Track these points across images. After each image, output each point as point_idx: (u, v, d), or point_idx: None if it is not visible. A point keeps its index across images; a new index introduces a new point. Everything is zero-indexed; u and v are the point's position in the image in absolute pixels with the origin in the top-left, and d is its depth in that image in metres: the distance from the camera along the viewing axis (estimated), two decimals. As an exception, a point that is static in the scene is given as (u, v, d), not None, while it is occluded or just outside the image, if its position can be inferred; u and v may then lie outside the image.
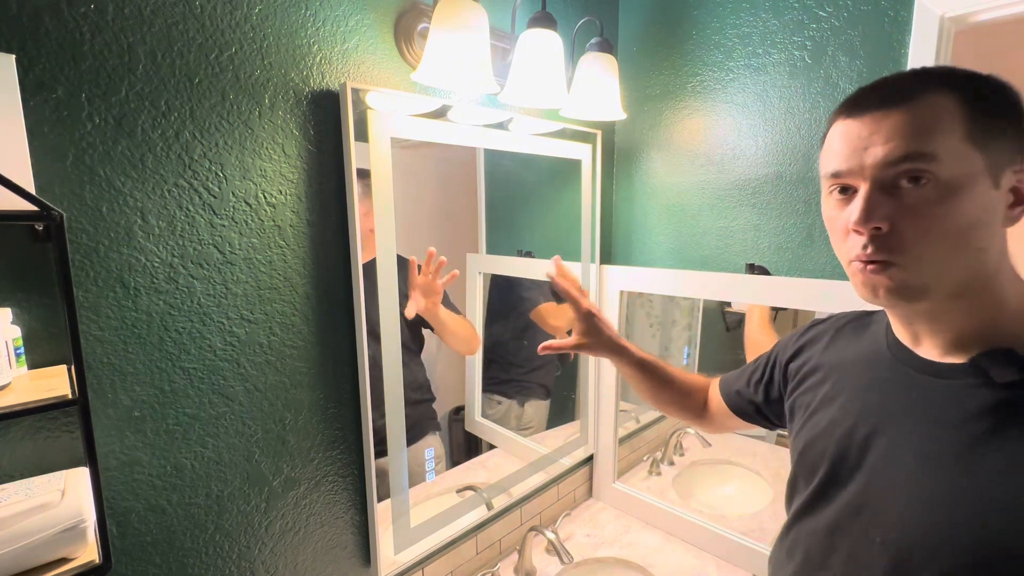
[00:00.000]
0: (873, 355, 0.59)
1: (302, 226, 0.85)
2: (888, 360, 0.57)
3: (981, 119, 0.46)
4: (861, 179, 0.49)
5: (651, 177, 1.41)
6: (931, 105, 0.46)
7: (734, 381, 0.84)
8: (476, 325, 1.34)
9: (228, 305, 0.79)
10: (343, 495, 0.97)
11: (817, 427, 0.61)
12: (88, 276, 0.66)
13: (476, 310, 1.34)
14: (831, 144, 0.52)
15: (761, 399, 0.77)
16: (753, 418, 0.81)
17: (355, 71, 0.89)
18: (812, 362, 0.67)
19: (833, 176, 0.51)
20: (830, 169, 0.52)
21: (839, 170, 0.50)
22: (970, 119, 0.45)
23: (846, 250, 0.52)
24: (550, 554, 1.24)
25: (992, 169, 0.46)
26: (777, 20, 1.14)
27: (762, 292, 1.15)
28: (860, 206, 0.48)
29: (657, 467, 1.58)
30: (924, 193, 0.46)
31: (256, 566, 0.87)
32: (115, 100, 0.66)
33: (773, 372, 0.75)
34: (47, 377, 0.62)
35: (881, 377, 0.57)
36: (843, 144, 0.50)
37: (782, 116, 1.15)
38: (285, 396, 0.87)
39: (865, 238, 0.48)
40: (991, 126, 0.46)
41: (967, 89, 0.46)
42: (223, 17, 0.74)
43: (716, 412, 0.88)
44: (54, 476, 0.63)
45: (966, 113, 0.45)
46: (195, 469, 0.78)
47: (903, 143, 0.46)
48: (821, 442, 0.60)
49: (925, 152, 0.45)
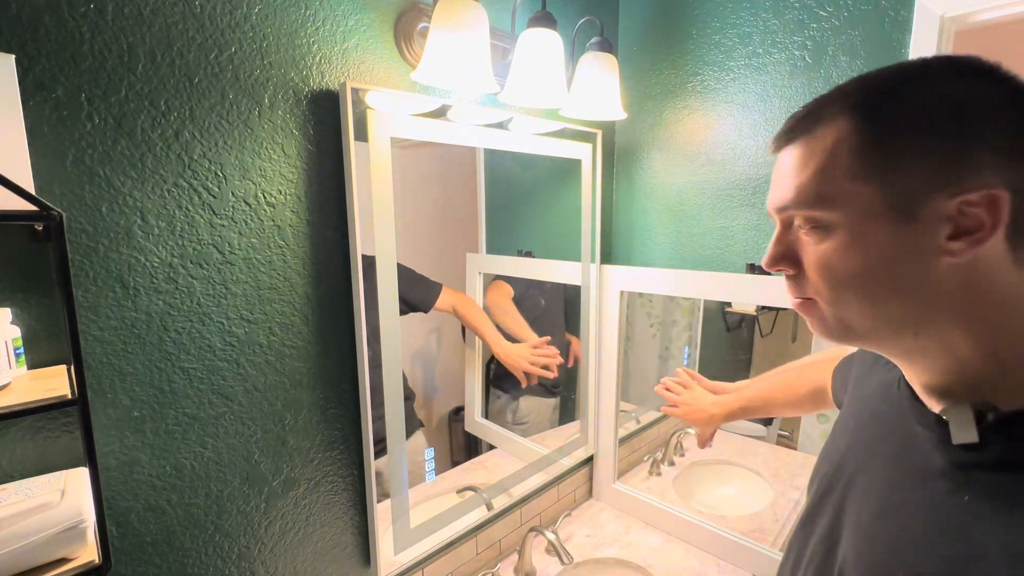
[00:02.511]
0: (887, 386, 0.55)
1: (302, 226, 0.85)
2: (895, 395, 0.53)
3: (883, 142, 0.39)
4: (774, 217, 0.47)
5: (651, 177, 1.41)
6: (821, 138, 0.41)
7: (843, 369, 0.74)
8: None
9: (228, 305, 0.79)
10: (343, 495, 0.97)
11: (826, 448, 0.61)
12: (88, 276, 0.66)
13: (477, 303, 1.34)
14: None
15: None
16: None
17: (355, 71, 0.89)
18: (851, 382, 0.65)
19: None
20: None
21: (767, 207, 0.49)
22: (863, 147, 0.39)
23: None
24: (550, 554, 1.24)
25: (900, 202, 0.39)
26: (777, 20, 1.14)
27: (763, 292, 1.15)
28: (769, 249, 0.47)
29: (657, 467, 1.58)
30: (814, 238, 0.43)
31: (256, 566, 0.87)
32: (115, 100, 0.66)
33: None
34: (47, 377, 0.62)
35: (882, 411, 0.54)
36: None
37: (782, 116, 1.15)
38: (285, 396, 0.87)
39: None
40: (900, 147, 0.38)
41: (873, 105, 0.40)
42: (223, 17, 0.74)
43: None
44: (54, 476, 0.63)
45: (860, 140, 0.40)
46: (195, 469, 0.78)
47: (788, 186, 0.43)
48: (820, 466, 0.60)
49: (808, 194, 0.42)
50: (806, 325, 0.50)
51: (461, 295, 1.26)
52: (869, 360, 0.62)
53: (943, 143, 0.37)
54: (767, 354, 1.44)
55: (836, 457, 0.57)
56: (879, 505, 0.48)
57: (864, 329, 0.44)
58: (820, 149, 0.41)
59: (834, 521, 0.53)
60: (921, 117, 0.38)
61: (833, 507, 0.54)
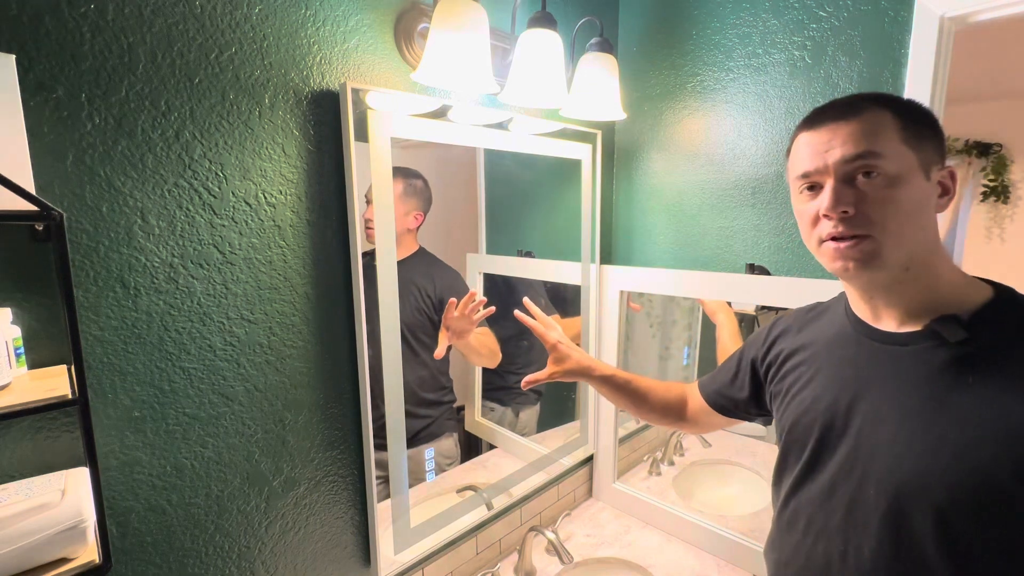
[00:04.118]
0: (839, 335, 0.69)
1: (302, 226, 0.85)
2: (853, 337, 0.67)
3: (911, 127, 0.58)
4: (827, 176, 0.59)
5: (651, 177, 1.41)
6: (873, 117, 0.58)
7: (711, 382, 0.92)
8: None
9: (228, 305, 0.79)
10: (343, 495, 0.97)
11: (801, 405, 0.69)
12: (88, 276, 0.66)
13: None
14: (798, 151, 0.63)
15: (745, 395, 0.85)
16: (735, 413, 0.89)
17: (355, 71, 0.89)
18: (785, 351, 0.76)
19: (802, 176, 0.62)
20: (800, 171, 0.62)
21: (808, 171, 0.61)
22: (902, 127, 0.57)
23: (816, 233, 0.61)
24: (550, 554, 1.24)
25: (924, 166, 0.58)
26: (777, 20, 1.14)
27: (762, 292, 1.15)
28: (829, 196, 0.58)
29: (657, 467, 1.58)
30: (875, 183, 0.57)
31: (256, 566, 0.87)
32: (115, 100, 0.66)
33: (753, 367, 0.83)
34: (47, 377, 0.62)
35: (851, 353, 0.66)
36: (808, 150, 0.61)
37: (782, 116, 1.15)
38: (285, 396, 0.87)
39: (834, 221, 0.58)
40: (918, 133, 0.58)
41: (897, 106, 0.59)
42: (223, 17, 0.74)
43: (698, 413, 0.95)
44: (54, 476, 0.63)
45: (899, 123, 0.58)
46: (195, 469, 0.78)
47: (856, 145, 0.57)
48: (807, 417, 0.67)
49: (873, 151, 0.57)
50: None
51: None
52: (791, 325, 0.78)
53: (935, 136, 0.60)
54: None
55: (822, 404, 0.66)
56: (897, 415, 0.59)
57: (893, 259, 0.58)
58: (879, 123, 0.58)
59: (849, 450, 0.62)
60: (928, 121, 0.60)
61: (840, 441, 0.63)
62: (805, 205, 0.63)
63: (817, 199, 0.60)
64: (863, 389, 0.63)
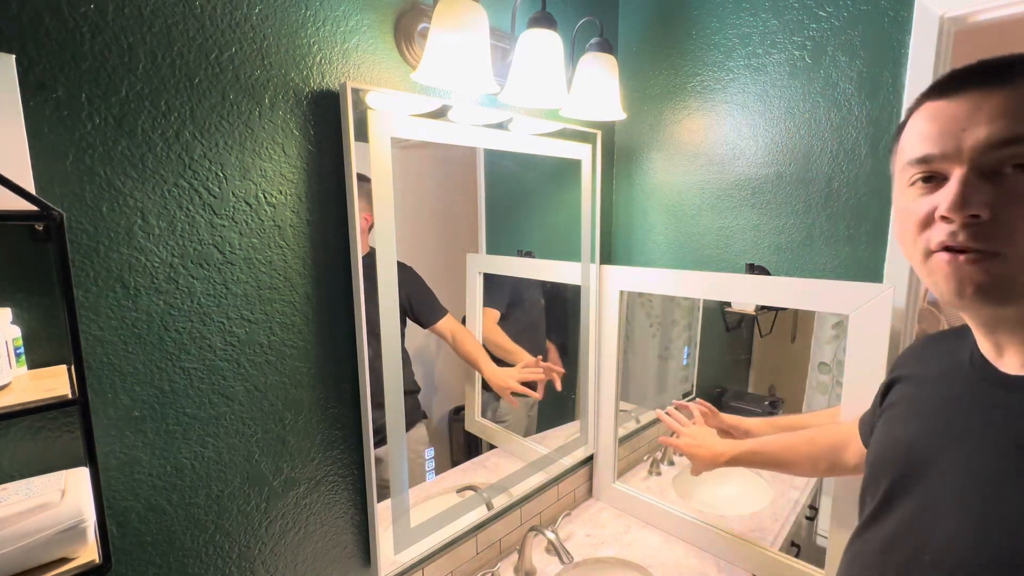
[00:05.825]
0: (952, 370, 0.56)
1: (302, 226, 0.85)
2: (966, 375, 0.53)
3: None
4: (956, 163, 0.44)
5: (651, 177, 1.41)
6: None
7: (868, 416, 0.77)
8: (476, 326, 1.34)
9: (228, 305, 0.79)
10: (343, 495, 0.97)
11: (886, 443, 0.60)
12: (88, 276, 0.66)
13: (476, 311, 1.34)
14: (918, 127, 0.47)
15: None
16: None
17: (355, 71, 0.89)
18: (899, 376, 0.65)
19: (920, 161, 0.46)
20: (917, 154, 0.46)
21: (929, 154, 0.45)
22: None
23: (924, 240, 0.46)
24: (550, 554, 1.24)
25: None
26: (777, 20, 1.14)
27: (762, 292, 1.15)
28: (955, 190, 0.43)
29: (657, 467, 1.58)
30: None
31: (256, 566, 0.87)
32: (115, 100, 0.66)
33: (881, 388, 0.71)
34: (47, 377, 0.62)
35: (954, 394, 0.54)
36: (933, 125, 0.45)
37: (782, 116, 1.15)
38: (285, 396, 0.87)
39: (956, 226, 0.43)
40: None
41: None
42: (223, 17, 0.74)
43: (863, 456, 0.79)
44: (54, 476, 0.63)
45: None
46: (195, 469, 0.78)
47: (1010, 124, 0.41)
48: (888, 457, 0.58)
49: None
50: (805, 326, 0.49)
51: (461, 327, 1.28)
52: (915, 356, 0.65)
53: None
54: (767, 354, 1.44)
55: (902, 447, 0.56)
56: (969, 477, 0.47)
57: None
58: None
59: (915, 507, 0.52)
60: None
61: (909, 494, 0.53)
62: (915, 201, 0.47)
63: (935, 194, 0.45)
64: (949, 439, 0.51)
